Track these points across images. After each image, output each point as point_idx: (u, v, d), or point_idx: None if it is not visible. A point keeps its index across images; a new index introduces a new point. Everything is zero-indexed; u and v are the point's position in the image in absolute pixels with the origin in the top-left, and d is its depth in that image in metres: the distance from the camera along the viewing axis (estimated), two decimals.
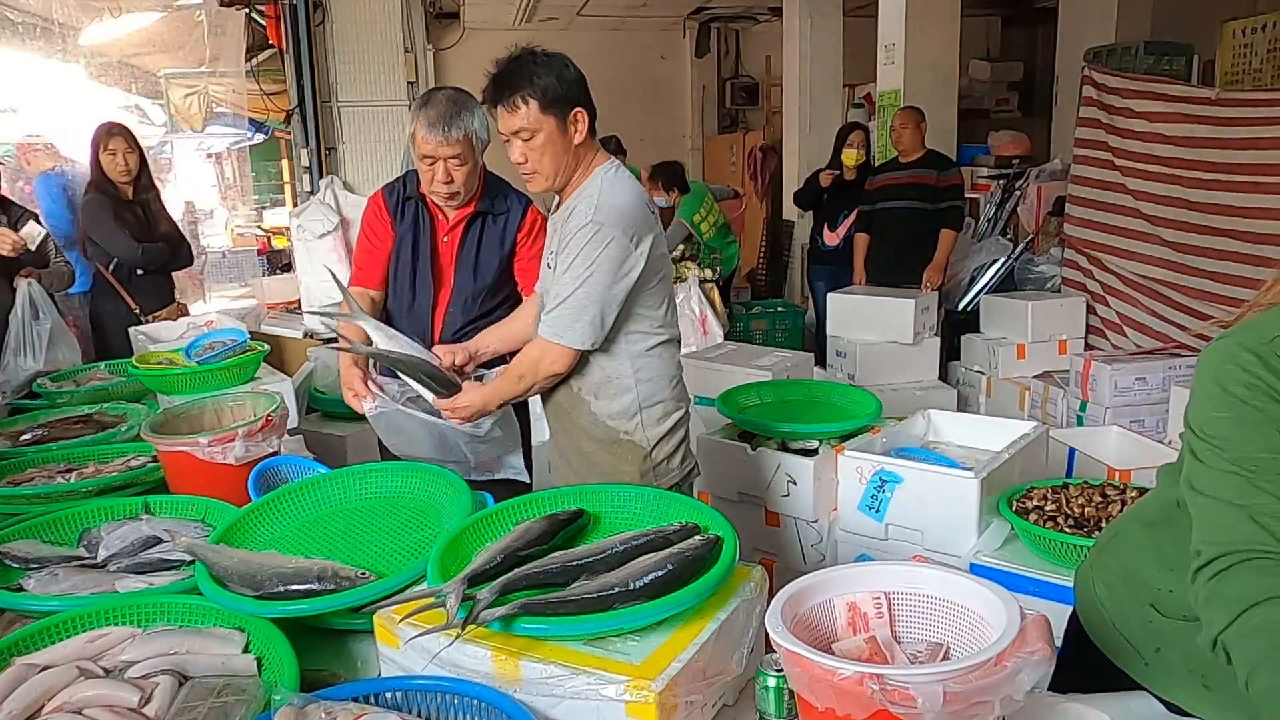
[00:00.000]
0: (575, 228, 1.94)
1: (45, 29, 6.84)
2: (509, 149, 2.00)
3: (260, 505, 1.79)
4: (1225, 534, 1.07)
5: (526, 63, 1.92)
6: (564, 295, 1.96)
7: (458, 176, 2.39)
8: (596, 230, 1.92)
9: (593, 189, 1.99)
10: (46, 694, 1.27)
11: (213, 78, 7.39)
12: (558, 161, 1.98)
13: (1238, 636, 1.00)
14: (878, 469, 2.42)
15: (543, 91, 1.91)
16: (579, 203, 1.99)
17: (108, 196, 3.92)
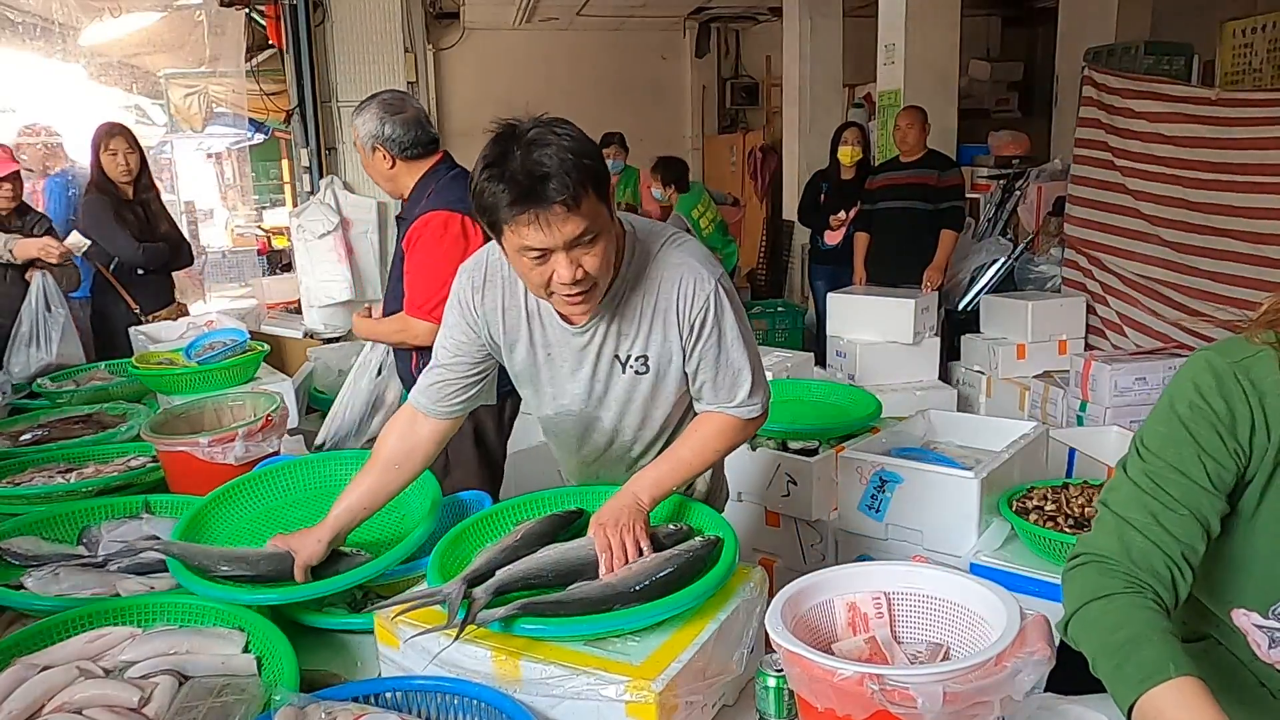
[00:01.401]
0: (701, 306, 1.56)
1: (45, 29, 6.84)
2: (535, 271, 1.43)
3: (220, 495, 1.79)
4: (1094, 539, 1.18)
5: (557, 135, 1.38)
6: (744, 367, 1.61)
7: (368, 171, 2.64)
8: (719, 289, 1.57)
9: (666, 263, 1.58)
10: (46, 694, 1.27)
11: (213, 78, 7.39)
12: (612, 263, 1.50)
13: (1079, 627, 1.12)
14: (878, 469, 2.42)
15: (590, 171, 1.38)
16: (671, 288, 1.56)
17: (108, 196, 3.92)
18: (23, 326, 3.40)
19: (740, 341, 1.61)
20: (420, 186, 2.55)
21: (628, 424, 1.72)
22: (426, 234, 2.45)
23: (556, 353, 1.65)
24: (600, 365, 1.64)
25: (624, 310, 1.58)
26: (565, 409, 1.71)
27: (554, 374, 1.68)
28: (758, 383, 1.63)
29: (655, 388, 1.65)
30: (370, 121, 2.50)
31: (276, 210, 10.42)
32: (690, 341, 1.59)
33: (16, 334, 3.39)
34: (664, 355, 1.61)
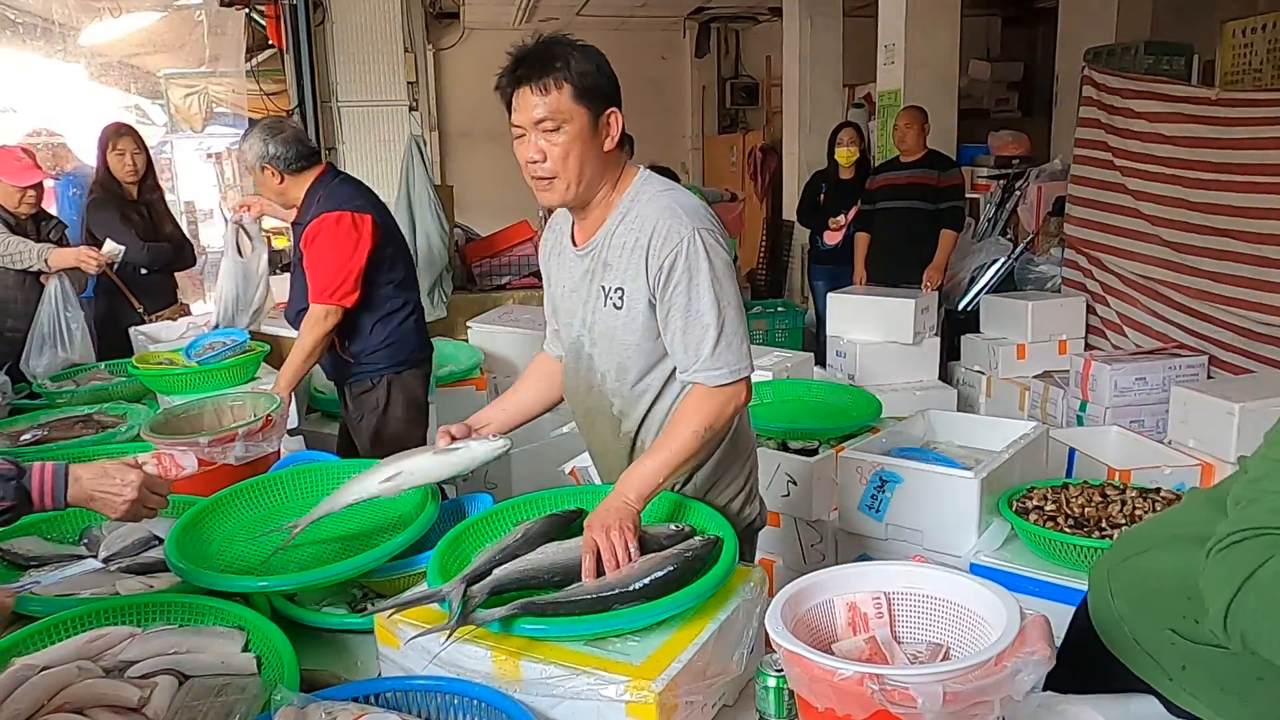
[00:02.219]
0: (673, 247, 1.60)
1: (45, 29, 6.83)
2: (520, 146, 1.64)
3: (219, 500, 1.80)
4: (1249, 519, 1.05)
5: (561, 45, 1.61)
6: (711, 323, 1.60)
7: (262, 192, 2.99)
8: (703, 238, 1.60)
9: (648, 203, 1.66)
10: (46, 694, 1.27)
11: (213, 78, 7.39)
12: (583, 164, 1.62)
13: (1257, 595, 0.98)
14: (878, 469, 2.42)
15: (579, 77, 1.58)
16: (649, 222, 1.63)
17: (113, 196, 3.93)
18: (44, 328, 3.42)
19: (713, 297, 1.60)
20: (309, 195, 2.86)
21: (611, 367, 1.74)
22: (321, 232, 2.77)
23: (570, 282, 1.79)
24: (591, 293, 1.73)
25: (614, 243, 1.68)
26: (572, 343, 1.80)
27: (569, 305, 1.80)
28: (725, 345, 1.61)
29: (629, 327, 1.68)
30: (255, 145, 2.81)
31: None
32: (659, 284, 1.62)
33: (36, 335, 3.41)
34: (635, 292, 1.66)
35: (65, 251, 3.51)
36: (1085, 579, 2.02)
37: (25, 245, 3.42)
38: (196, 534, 1.67)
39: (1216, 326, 4.28)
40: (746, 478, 1.89)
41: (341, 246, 2.76)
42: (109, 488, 1.45)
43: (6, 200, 3.47)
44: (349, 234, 2.77)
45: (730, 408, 1.66)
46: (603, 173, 1.67)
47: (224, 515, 1.76)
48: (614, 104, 1.64)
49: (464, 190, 9.08)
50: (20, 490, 1.37)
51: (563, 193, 1.65)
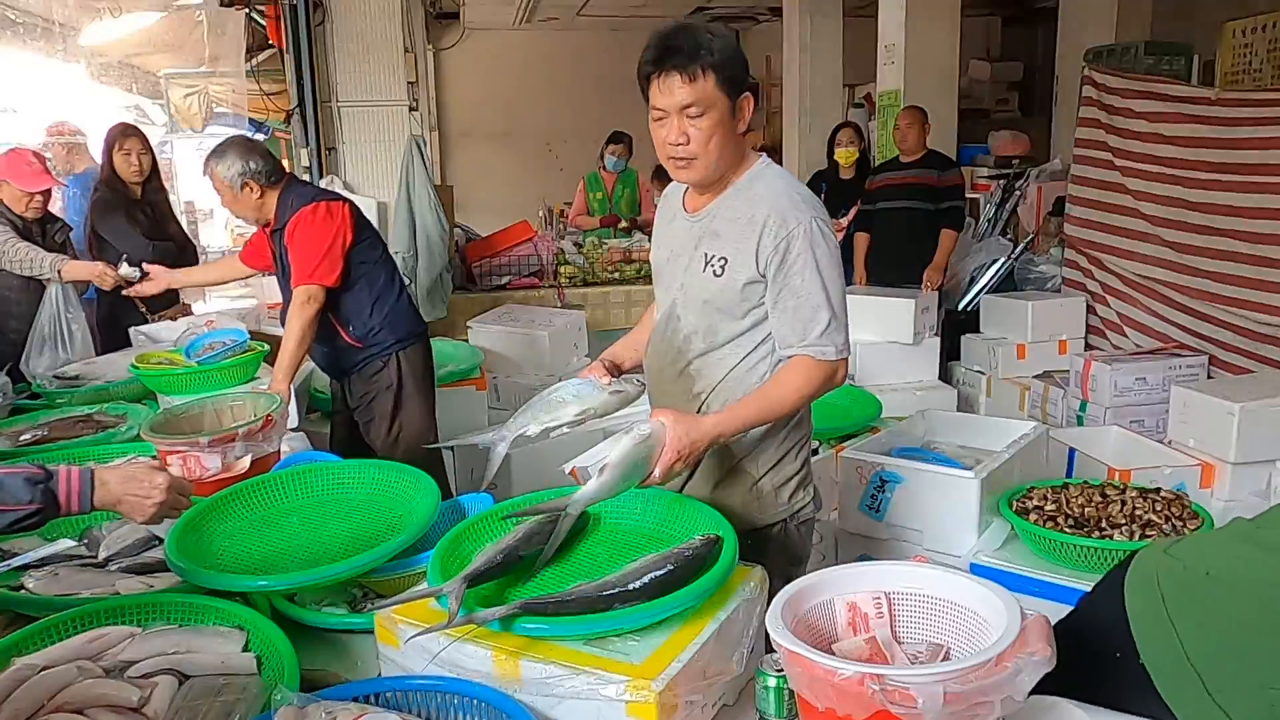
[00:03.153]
0: (789, 231, 1.68)
1: (45, 29, 6.84)
2: (659, 128, 1.72)
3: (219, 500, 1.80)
4: None
5: (705, 33, 1.68)
6: (823, 304, 1.69)
7: (225, 204, 3.02)
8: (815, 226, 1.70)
9: (768, 186, 1.76)
10: (46, 694, 1.27)
11: (213, 78, 7.40)
12: (722, 148, 1.71)
13: None
14: (878, 469, 2.42)
15: (722, 66, 1.66)
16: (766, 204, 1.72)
17: (118, 195, 3.93)
18: (45, 329, 3.43)
19: (825, 281, 1.70)
20: (281, 203, 2.95)
21: (699, 328, 1.81)
22: (300, 223, 2.89)
23: (674, 247, 1.86)
24: (694, 258, 1.79)
25: (726, 214, 1.77)
26: (666, 306, 1.87)
27: (670, 270, 1.87)
28: (836, 326, 1.71)
29: (724, 294, 1.75)
30: (234, 163, 2.87)
31: None
32: (772, 264, 1.70)
33: (36, 336, 3.41)
34: (739, 265, 1.73)
35: (80, 265, 3.51)
36: (1085, 579, 2.03)
37: (36, 253, 3.42)
38: (196, 534, 1.67)
39: (1216, 326, 4.28)
40: (800, 468, 1.91)
41: (320, 231, 2.88)
42: (137, 490, 1.45)
43: (14, 204, 3.47)
44: (325, 220, 2.89)
45: (830, 383, 1.75)
46: (734, 153, 1.77)
47: (224, 515, 1.76)
48: (748, 89, 1.73)
49: (464, 190, 9.09)
50: (48, 494, 1.37)
51: (701, 172, 1.74)
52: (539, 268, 5.88)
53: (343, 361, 3.07)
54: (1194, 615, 1.27)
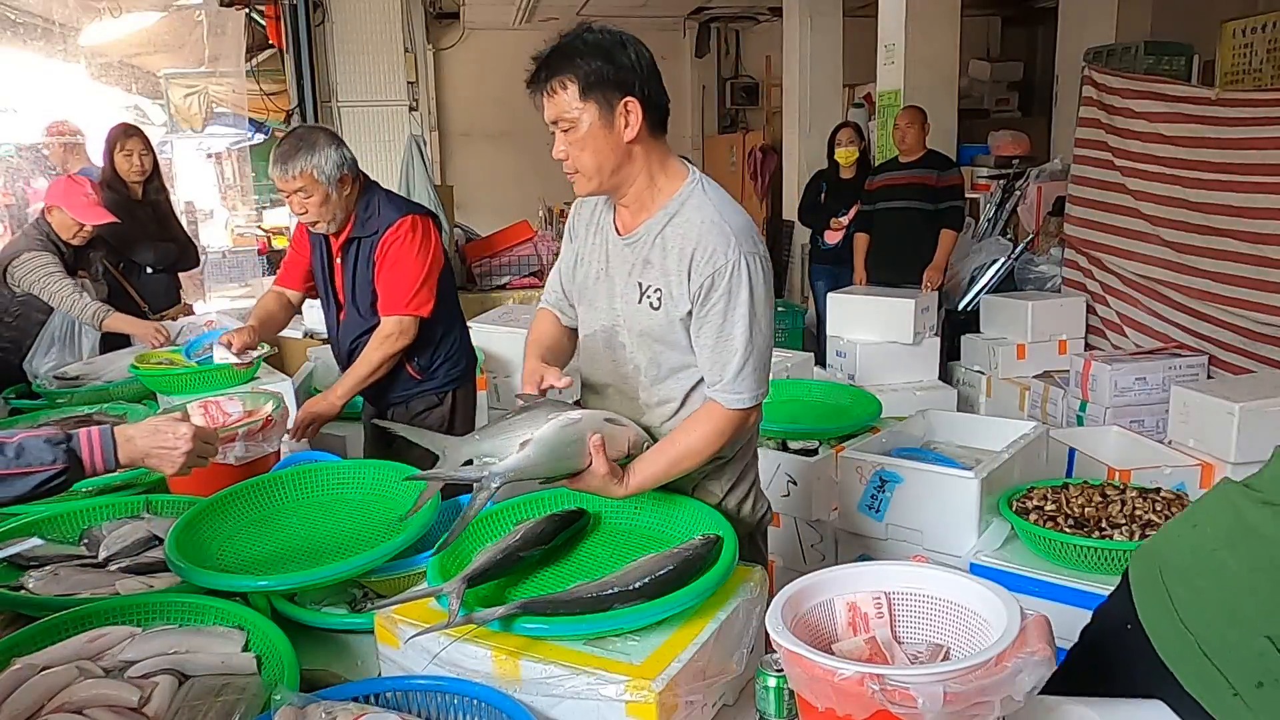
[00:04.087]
0: (716, 266, 1.61)
1: (45, 29, 6.84)
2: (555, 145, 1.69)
3: (219, 500, 1.80)
4: None
5: (573, 41, 1.63)
6: (744, 348, 1.63)
7: (310, 208, 2.54)
8: (748, 262, 1.61)
9: (698, 211, 1.66)
10: (47, 694, 1.27)
11: (213, 78, 7.39)
12: (601, 158, 1.64)
13: None
14: (878, 469, 2.42)
15: (584, 74, 1.60)
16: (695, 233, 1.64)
17: (119, 196, 3.93)
18: (56, 330, 3.43)
19: (746, 325, 1.62)
20: (364, 208, 2.64)
21: (644, 360, 1.74)
22: (399, 238, 2.59)
23: (604, 266, 1.76)
24: (628, 285, 1.72)
25: (658, 242, 1.67)
26: (601, 329, 1.78)
27: (599, 288, 1.78)
28: (749, 371, 1.64)
29: (666, 329, 1.69)
30: (331, 154, 2.52)
31: (276, 210, 10.41)
32: (698, 299, 1.63)
33: (45, 336, 3.41)
34: (674, 298, 1.66)
35: (126, 320, 3.44)
36: (1085, 579, 2.03)
37: (80, 296, 3.38)
38: (196, 534, 1.67)
39: (1216, 326, 4.28)
40: (753, 480, 1.90)
41: (419, 254, 2.60)
42: (163, 443, 1.43)
43: (63, 230, 3.45)
44: (423, 241, 2.62)
45: (739, 430, 1.69)
46: (628, 162, 1.66)
47: (224, 515, 1.76)
48: (630, 93, 1.61)
49: (464, 190, 9.08)
50: (70, 454, 1.35)
51: (588, 185, 1.68)
52: (539, 268, 5.89)
53: (392, 392, 2.78)
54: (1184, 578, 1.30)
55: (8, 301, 3.44)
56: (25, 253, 3.40)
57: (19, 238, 3.59)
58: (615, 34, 1.65)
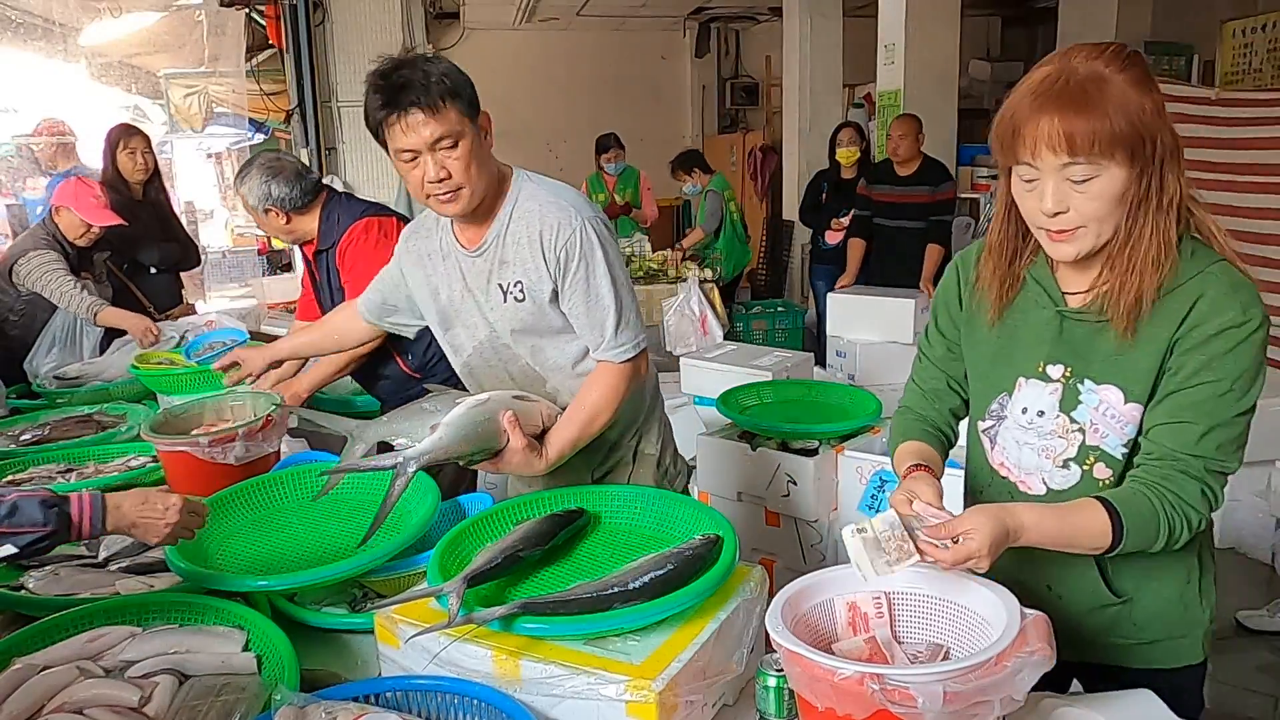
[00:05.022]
0: (565, 239, 1.71)
1: (45, 29, 6.84)
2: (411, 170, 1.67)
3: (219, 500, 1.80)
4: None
5: (427, 62, 1.66)
6: (610, 305, 1.74)
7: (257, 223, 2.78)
8: (590, 226, 1.72)
9: (533, 198, 1.75)
10: (46, 694, 1.27)
11: (213, 78, 7.39)
12: (482, 170, 1.69)
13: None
14: (878, 469, 2.42)
15: (458, 90, 1.64)
16: (537, 218, 1.73)
17: (121, 196, 3.93)
18: (57, 330, 3.43)
19: (609, 282, 1.74)
20: (324, 221, 2.71)
21: (526, 351, 1.84)
22: (352, 243, 2.63)
23: (459, 285, 1.83)
24: (491, 292, 1.79)
25: (508, 240, 1.76)
26: (480, 344, 1.86)
27: (464, 308, 1.84)
28: (625, 324, 1.77)
29: (537, 316, 1.78)
30: (255, 187, 2.62)
31: None
32: (559, 275, 1.74)
33: (48, 336, 3.42)
34: (536, 283, 1.75)
35: (119, 315, 3.44)
36: None
37: (75, 291, 3.38)
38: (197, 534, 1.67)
39: None
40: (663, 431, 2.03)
41: (374, 253, 2.58)
42: (150, 514, 1.46)
43: (70, 230, 3.46)
44: (379, 241, 2.64)
45: (634, 379, 1.82)
46: (493, 174, 1.75)
47: (224, 515, 1.77)
48: (478, 106, 1.70)
49: None
50: (62, 516, 1.38)
51: (468, 201, 1.70)
52: None
53: (395, 389, 2.75)
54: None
55: (13, 301, 3.44)
56: (31, 251, 3.42)
57: (25, 237, 3.60)
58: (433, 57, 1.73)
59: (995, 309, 1.38)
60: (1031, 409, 1.35)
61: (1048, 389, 1.33)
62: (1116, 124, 1.17)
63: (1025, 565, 1.36)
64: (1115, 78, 1.18)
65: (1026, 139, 1.19)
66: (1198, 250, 1.27)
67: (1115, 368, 1.28)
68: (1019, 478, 1.39)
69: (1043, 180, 1.20)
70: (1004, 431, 1.39)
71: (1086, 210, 1.20)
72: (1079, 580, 1.36)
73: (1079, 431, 1.31)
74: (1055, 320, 1.33)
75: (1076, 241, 1.23)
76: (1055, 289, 1.33)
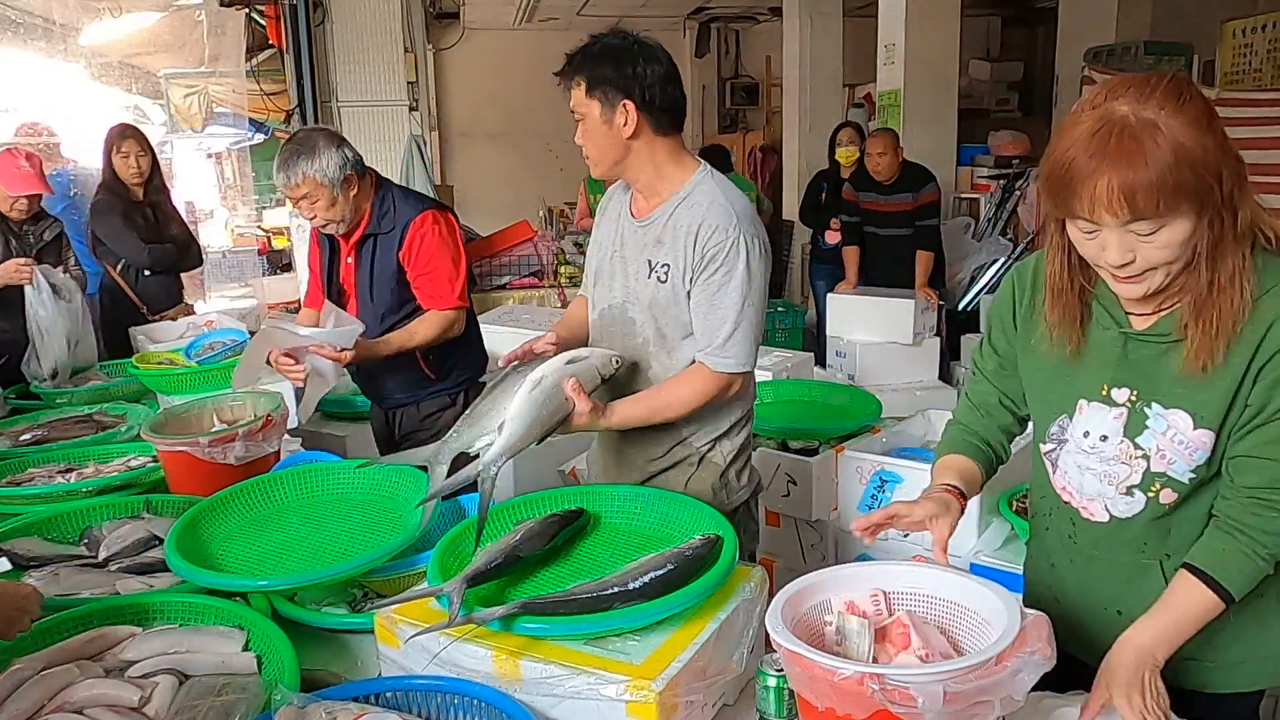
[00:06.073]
0: (718, 243, 1.75)
1: (45, 29, 6.84)
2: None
3: (219, 500, 1.80)
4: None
5: (593, 44, 1.84)
6: (735, 318, 1.77)
7: (318, 212, 2.55)
8: (746, 242, 1.76)
9: (707, 195, 1.81)
10: (47, 694, 1.27)
11: (213, 78, 7.39)
12: (601, 150, 1.83)
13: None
14: (878, 469, 2.42)
15: (590, 76, 1.81)
16: (701, 212, 1.79)
17: (117, 198, 3.93)
18: (45, 327, 3.40)
19: (741, 297, 1.77)
20: (377, 201, 2.64)
21: (651, 332, 1.87)
22: (426, 233, 2.60)
23: (617, 248, 1.92)
24: (640, 263, 1.87)
25: (670, 223, 1.83)
26: (610, 306, 1.93)
27: (610, 269, 1.93)
28: (739, 339, 1.79)
29: (670, 302, 1.83)
30: (333, 155, 2.50)
31: (276, 210, 10.41)
32: (698, 269, 1.78)
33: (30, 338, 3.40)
34: (678, 272, 1.81)
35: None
36: None
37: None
38: (196, 534, 1.67)
39: None
40: (747, 443, 2.01)
41: (449, 246, 2.64)
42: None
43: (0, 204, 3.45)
44: (450, 232, 2.67)
45: (723, 394, 1.84)
46: (627, 156, 1.84)
47: (224, 515, 1.76)
48: (629, 96, 1.79)
49: (464, 190, 9.09)
50: None
51: (596, 170, 1.87)
52: (539, 268, 5.89)
53: (403, 392, 2.77)
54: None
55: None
56: None
57: None
58: (630, 42, 1.84)
59: (1074, 342, 1.30)
60: (1094, 433, 1.30)
61: (1112, 413, 1.28)
62: (1180, 176, 1.08)
63: (1091, 591, 1.35)
64: (1170, 122, 1.09)
65: (1083, 199, 1.11)
66: (1269, 263, 1.19)
67: (1185, 391, 1.23)
68: (1081, 503, 1.35)
69: (1104, 234, 1.14)
70: (1065, 456, 1.35)
71: (1155, 257, 1.14)
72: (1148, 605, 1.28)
73: (1143, 458, 1.27)
74: (1120, 342, 1.28)
75: (1145, 281, 1.17)
76: (1119, 310, 1.27)
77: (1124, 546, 1.33)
